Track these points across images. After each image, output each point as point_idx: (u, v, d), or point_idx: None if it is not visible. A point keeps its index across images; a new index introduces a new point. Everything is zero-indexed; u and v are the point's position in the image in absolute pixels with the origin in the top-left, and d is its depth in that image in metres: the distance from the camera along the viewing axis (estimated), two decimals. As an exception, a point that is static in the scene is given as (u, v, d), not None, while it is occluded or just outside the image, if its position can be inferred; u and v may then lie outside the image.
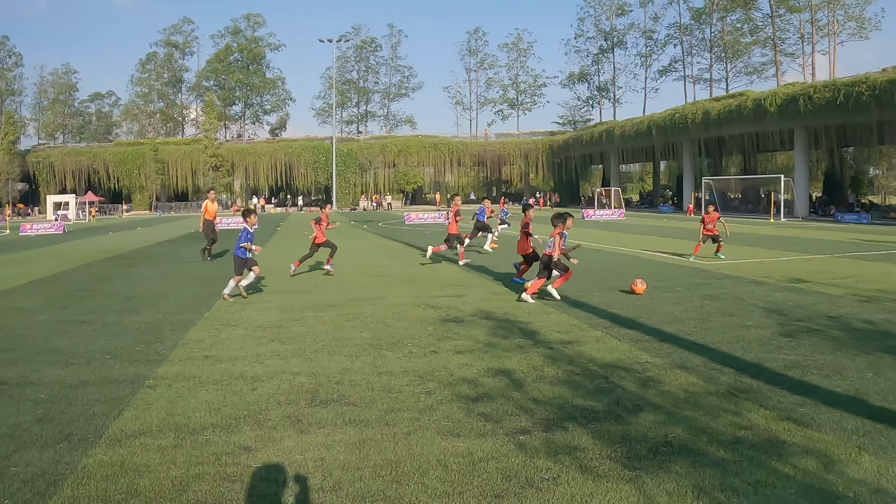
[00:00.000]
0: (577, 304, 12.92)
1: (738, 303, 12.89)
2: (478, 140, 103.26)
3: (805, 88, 54.04)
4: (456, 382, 7.74)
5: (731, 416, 6.62)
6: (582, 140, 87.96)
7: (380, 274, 18.06)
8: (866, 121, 49.50)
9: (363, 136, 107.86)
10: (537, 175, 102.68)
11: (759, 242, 27.48)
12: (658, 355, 8.91)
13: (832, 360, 8.57)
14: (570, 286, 15.29)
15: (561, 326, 10.80)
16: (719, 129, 63.22)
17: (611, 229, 39.51)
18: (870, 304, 12.74)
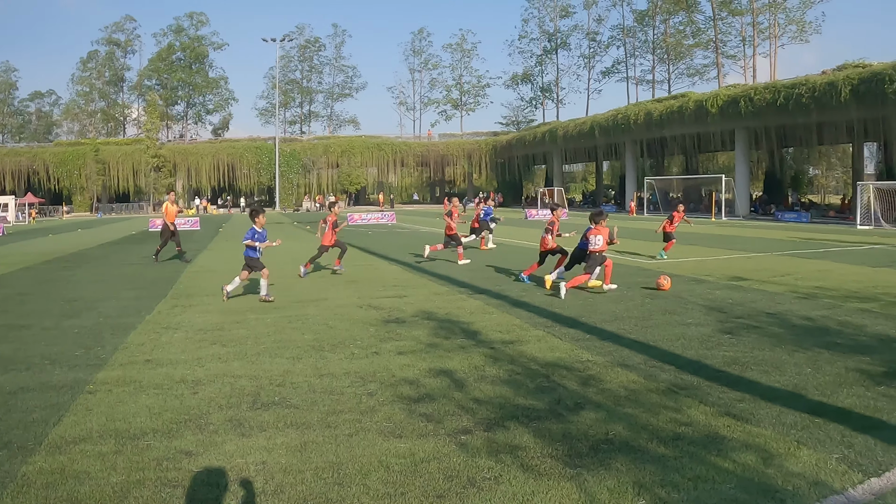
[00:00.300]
0: (519, 304, 13.00)
1: (678, 301, 13.11)
2: (421, 140, 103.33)
3: (746, 90, 55.32)
4: (398, 383, 7.72)
5: (672, 412, 6.70)
6: (525, 140, 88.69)
7: (322, 275, 17.99)
8: (806, 122, 50.91)
9: (306, 136, 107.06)
10: (480, 175, 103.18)
11: (700, 241, 28.00)
12: (599, 354, 8.99)
13: (771, 357, 8.75)
14: (511, 286, 15.39)
15: (503, 326, 10.85)
16: (661, 130, 64.35)
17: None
18: (808, 300, 13.09)
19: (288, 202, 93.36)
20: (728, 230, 36.15)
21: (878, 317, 11.48)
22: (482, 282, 16.13)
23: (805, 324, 10.90)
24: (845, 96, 45.43)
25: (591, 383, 7.67)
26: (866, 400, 7.02)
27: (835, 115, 47.95)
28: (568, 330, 10.52)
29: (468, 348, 9.34)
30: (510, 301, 13.34)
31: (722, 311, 11.96)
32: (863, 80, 44.65)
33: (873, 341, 9.63)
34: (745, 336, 9.96)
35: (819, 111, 48.29)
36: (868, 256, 21.80)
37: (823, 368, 8.19)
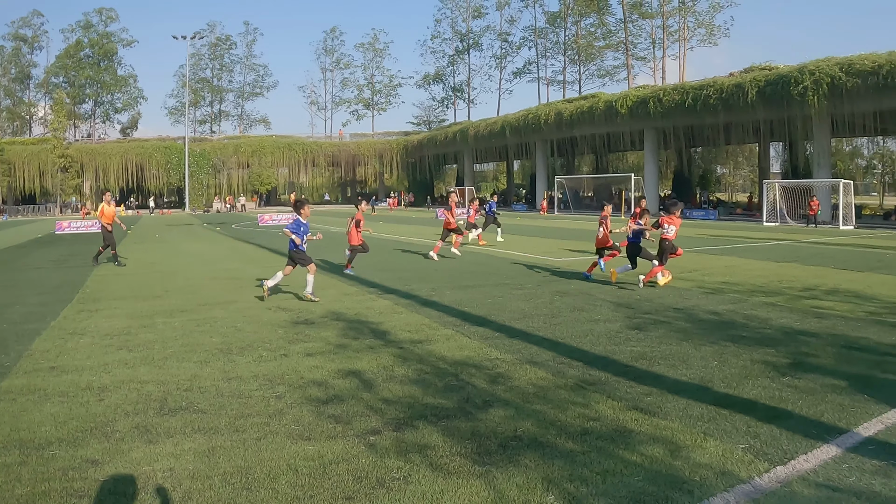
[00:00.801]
0: (428, 303, 13.02)
1: (587, 298, 13.36)
2: (332, 140, 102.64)
3: (655, 91, 56.81)
4: (306, 385, 7.65)
5: (580, 408, 6.79)
6: (436, 140, 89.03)
7: (232, 277, 17.66)
8: (714, 122, 52.67)
9: (217, 136, 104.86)
10: (392, 175, 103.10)
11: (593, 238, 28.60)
12: (508, 351, 9.06)
13: (678, 351, 8.99)
14: (421, 285, 15.39)
15: (412, 326, 10.85)
16: (572, 130, 65.49)
17: (464, 228, 39.97)
18: (715, 295, 13.55)
19: (198, 203, 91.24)
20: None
21: (783, 310, 11.94)
22: (392, 282, 16.09)
23: (712, 318, 11.24)
24: (752, 98, 47.18)
25: (499, 381, 7.72)
26: (771, 391, 7.27)
27: (742, 115, 49.79)
28: (477, 328, 10.58)
29: (377, 348, 9.30)
30: (419, 300, 13.35)
31: (630, 308, 12.24)
32: (769, 82, 46.46)
33: (778, 334, 10.00)
34: (653, 331, 10.21)
35: (726, 112, 50.02)
36: (773, 252, 22.69)
37: (729, 361, 8.45)
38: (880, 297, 13.52)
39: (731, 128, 53.80)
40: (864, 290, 13.88)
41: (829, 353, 8.86)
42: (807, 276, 16.71)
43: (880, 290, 14.29)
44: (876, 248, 24.99)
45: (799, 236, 31.36)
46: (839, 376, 7.81)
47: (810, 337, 9.83)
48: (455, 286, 15.23)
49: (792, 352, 8.92)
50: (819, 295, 13.77)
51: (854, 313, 11.71)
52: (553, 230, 34.60)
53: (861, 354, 8.82)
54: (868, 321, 11.00)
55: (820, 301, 13.00)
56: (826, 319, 11.16)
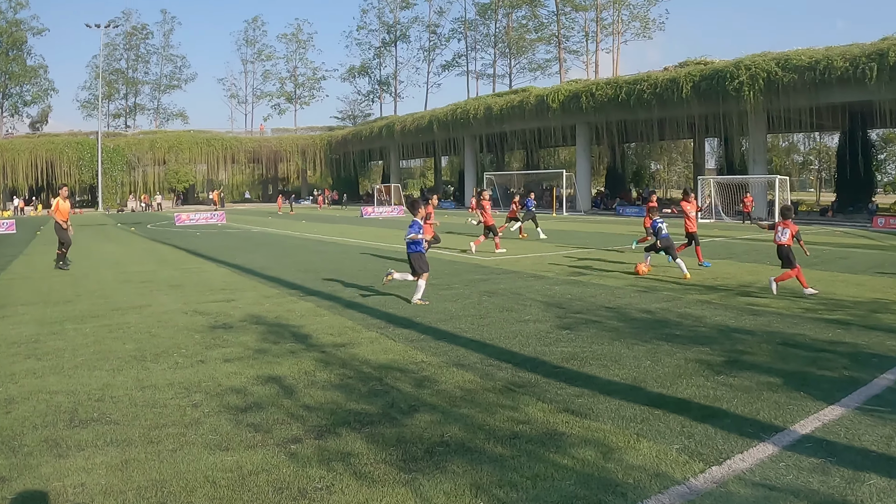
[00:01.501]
0: (352, 305, 12.99)
1: (516, 298, 13.47)
2: (253, 136, 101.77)
3: (588, 85, 57.66)
4: (224, 393, 7.56)
5: (509, 411, 6.79)
6: (361, 135, 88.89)
7: (146, 280, 17.34)
8: (647, 117, 53.76)
9: (132, 130, 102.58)
10: (315, 172, 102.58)
11: (537, 236, 28.90)
12: (434, 354, 9.07)
13: (610, 350, 9.09)
14: (343, 288, 15.30)
15: (334, 328, 10.82)
16: (502, 125, 66.06)
17: (390, 227, 40.27)
18: (648, 294, 13.80)
19: (112, 202, 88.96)
20: (569, 225, 37.56)
21: (718, 308, 12.22)
22: (314, 283, 16.00)
23: (645, 317, 11.43)
24: (687, 93, 48.26)
25: (425, 385, 7.70)
26: (706, 390, 7.39)
27: (676, 110, 50.88)
28: (402, 331, 10.59)
29: (298, 353, 9.25)
30: (342, 302, 13.30)
31: (560, 307, 12.37)
32: (704, 77, 47.55)
33: (712, 332, 10.22)
34: (584, 331, 10.33)
35: (661, 107, 51.06)
36: (708, 249, 23.19)
37: (663, 360, 8.57)
38: (817, 293, 13.92)
39: (665, 123, 54.92)
40: (800, 287, 14.25)
41: (764, 351, 9.07)
42: (742, 274, 17.13)
43: (816, 286, 14.70)
44: (812, 244, 25.76)
45: (734, 233, 32.16)
46: (775, 374, 7.98)
47: (745, 334, 10.06)
48: (379, 287, 15.21)
49: (727, 350, 9.10)
50: (754, 292, 14.13)
51: (790, 310, 12.03)
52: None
53: (797, 351, 9.05)
54: (804, 318, 11.31)
55: (755, 298, 13.34)
56: (761, 316, 11.44)
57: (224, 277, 17.66)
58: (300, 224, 43.34)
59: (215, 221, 48.91)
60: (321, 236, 32.29)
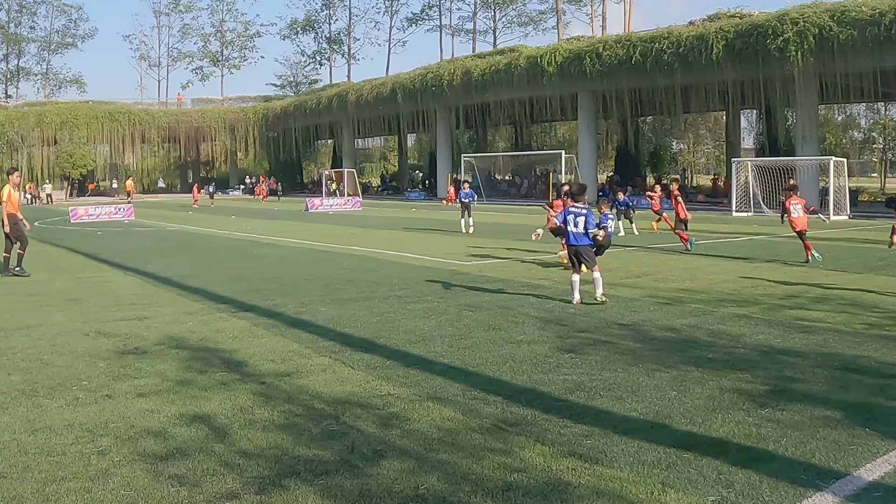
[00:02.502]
0: (297, 323, 12.96)
1: (505, 313, 13.50)
2: (169, 108, 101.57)
3: (593, 44, 57.89)
4: (138, 436, 7.49)
5: (501, 456, 6.78)
6: (306, 107, 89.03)
7: (34, 292, 17.19)
8: (668, 84, 53.98)
9: (13, 101, 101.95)
10: (247, 154, 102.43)
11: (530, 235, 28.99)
12: (404, 385, 9.05)
13: (625, 379, 9.11)
14: (287, 299, 15.30)
15: (276, 353, 10.78)
16: (484, 94, 66.16)
17: (342, 223, 40.25)
18: (671, 306, 13.87)
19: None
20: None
21: (759, 324, 12.29)
22: (249, 295, 15.96)
23: (668, 336, 11.47)
24: (718, 53, 48.56)
25: (394, 424, 7.68)
26: (747, 427, 7.41)
27: (705, 76, 51.18)
28: (362, 355, 10.56)
29: (231, 385, 9.20)
30: (286, 319, 13.28)
31: (561, 324, 12.41)
32: (739, 34, 47.90)
33: (753, 354, 10.28)
34: (592, 354, 10.35)
35: (685, 71, 51.34)
36: (746, 250, 23.38)
37: (692, 391, 8.60)
38: (882, 304, 14.04)
39: (690, 91, 55.20)
40: (863, 297, 14.38)
41: (819, 378, 9.12)
42: (789, 280, 17.23)
43: (882, 296, 14.84)
44: (876, 243, 26.02)
45: (778, 229, 32.38)
46: (833, 406, 8.03)
47: (795, 357, 10.12)
48: (331, 300, 15.24)
49: (772, 377, 9.15)
50: (805, 303, 14.22)
51: (850, 326, 12.12)
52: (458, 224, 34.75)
53: (860, 378, 9.11)
54: (868, 335, 11.40)
55: (806, 311, 13.43)
56: (814, 334, 11.51)
57: (134, 289, 17.55)
58: (229, 221, 43.29)
59: (121, 217, 48.63)
60: (256, 236, 32.28)
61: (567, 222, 14.82)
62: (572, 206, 15.01)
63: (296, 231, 34.48)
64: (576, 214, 14.71)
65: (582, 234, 14.65)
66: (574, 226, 14.68)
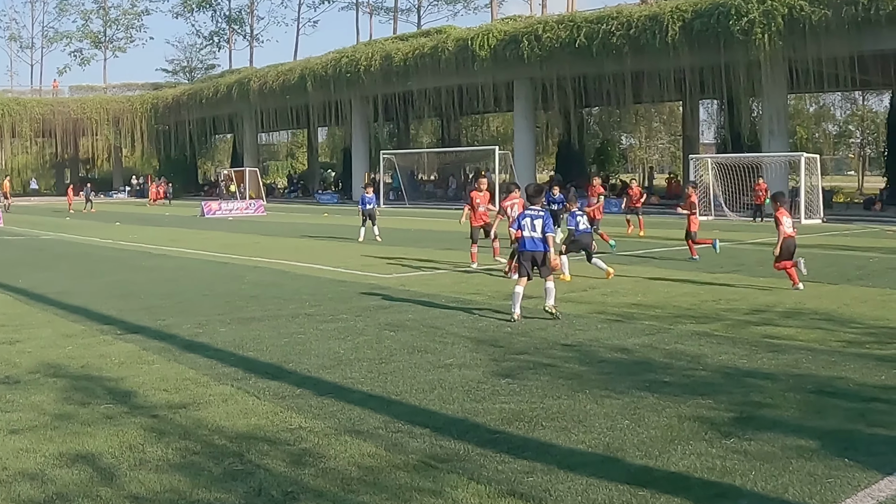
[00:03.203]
0: (193, 347, 12.86)
1: (432, 333, 13.53)
2: (44, 97, 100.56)
3: (531, 25, 58.27)
4: (12, 479, 7.36)
5: (430, 497, 6.78)
6: (202, 96, 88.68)
7: None
8: (617, 70, 54.44)
9: None
10: (134, 150, 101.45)
11: (460, 244, 29.08)
12: (317, 417, 9.02)
13: (571, 407, 9.15)
14: (181, 319, 15.18)
15: (169, 381, 10.67)
16: (406, 82, 66.20)
17: (244, 231, 40.19)
18: (622, 324, 14.01)
19: None
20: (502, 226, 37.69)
21: (722, 342, 12.46)
22: (137, 315, 15.81)
23: (619, 357, 11.58)
24: (673, 35, 49.09)
25: (306, 462, 7.66)
26: (710, 459, 7.49)
27: (658, 61, 51.67)
28: (269, 383, 10.50)
29: (119, 418, 9.08)
30: (180, 342, 13.18)
31: (497, 345, 12.46)
32: (698, 14, 48.52)
33: (716, 377, 10.41)
34: (533, 379, 10.39)
35: (636, 56, 51.90)
36: (706, 259, 23.65)
37: (647, 419, 8.67)
38: (861, 318, 14.31)
39: (642, 79, 55.68)
40: (839, 311, 14.64)
41: (791, 402, 9.25)
42: (756, 293, 17.50)
43: (861, 309, 15.14)
44: (853, 249, 26.53)
45: (743, 235, 32.80)
46: (807, 434, 8.14)
47: (763, 379, 10.27)
48: (232, 319, 15.15)
49: (738, 402, 9.26)
50: (774, 319, 14.46)
51: (825, 343, 12.34)
52: (387, 233, 34.74)
53: (837, 402, 9.27)
54: (845, 354, 11.60)
55: (775, 328, 13.64)
56: (785, 353, 11.69)
57: (3, 308, 17.31)
58: (113, 228, 42.88)
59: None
60: (145, 245, 31.98)
61: (523, 227, 14.92)
62: (529, 210, 15.16)
63: (190, 240, 34.26)
64: (532, 217, 14.86)
65: (540, 240, 14.78)
66: (531, 230, 14.79)
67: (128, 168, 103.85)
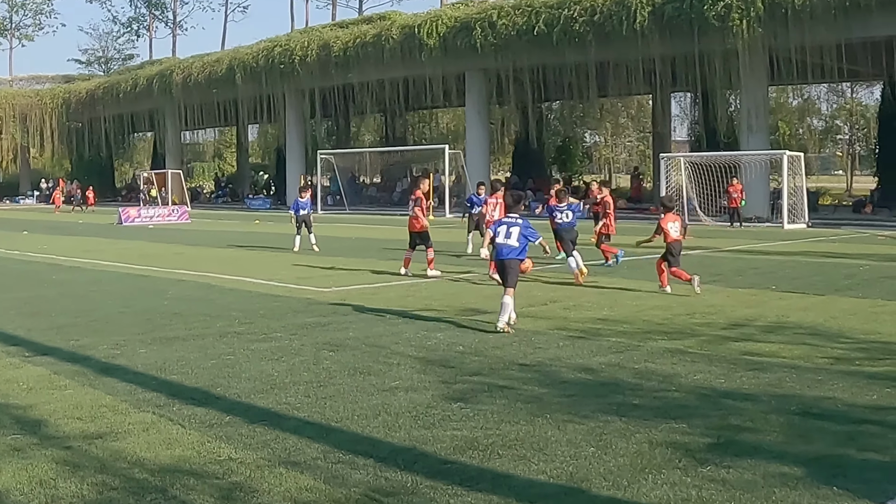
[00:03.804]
0: (110, 370, 12.76)
1: (376, 352, 13.51)
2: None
3: (485, 11, 58.41)
4: None
5: (373, 535, 6.78)
6: (120, 90, 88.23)
7: None
8: (580, 61, 54.57)
9: None
10: (43, 151, 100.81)
11: (401, 254, 29.14)
12: (248, 447, 8.97)
13: (530, 433, 9.15)
14: (96, 339, 15.09)
15: (84, 409, 10.58)
16: (346, 74, 66.00)
17: (166, 240, 40.04)
18: (586, 341, 14.05)
19: None
20: (453, 235, 37.50)
21: (697, 360, 12.51)
22: (47, 335, 15.70)
23: (583, 378, 11.60)
24: (643, 22, 49.25)
25: (237, 497, 7.65)
26: (685, 489, 7.51)
27: (626, 50, 51.82)
28: (194, 409, 10.44)
29: (27, 450, 8.99)
30: (95, 365, 13.07)
31: (448, 366, 12.46)
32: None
33: (690, 398, 10.45)
34: (487, 403, 10.38)
35: (601, 45, 52.04)
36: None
37: (615, 446, 8.68)
38: (850, 333, 14.43)
39: (608, 70, 55.93)
40: (826, 324, 14.76)
41: (773, 425, 9.30)
42: (734, 306, 17.62)
43: (850, 322, 15.26)
44: (842, 256, 26.75)
45: (719, 242, 32.98)
46: (791, 460, 8.18)
47: (743, 401, 10.32)
48: (154, 339, 15.06)
49: (715, 426, 9.30)
50: (754, 334, 14.54)
51: (811, 360, 12.42)
52: (322, 240, 34.69)
53: (824, 424, 9.33)
54: (832, 372, 11.69)
55: (756, 343, 13.72)
56: (767, 372, 11.76)
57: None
58: (21, 238, 42.65)
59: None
60: (56, 257, 31.78)
61: (497, 234, 15.67)
62: (506, 217, 16.17)
63: (106, 250, 34.11)
64: (509, 225, 15.62)
65: (513, 247, 15.52)
66: (506, 237, 15.59)
67: (36, 170, 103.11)
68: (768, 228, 43.02)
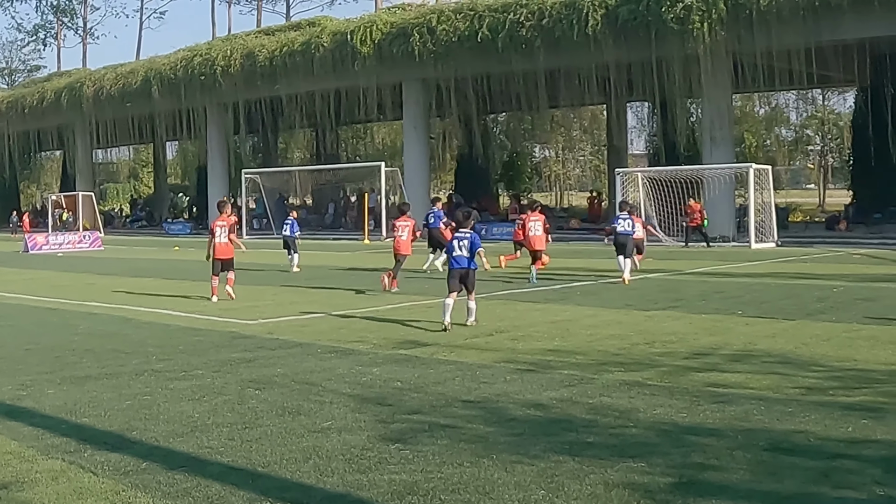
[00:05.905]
0: (15, 413, 12.65)
1: (306, 390, 13.47)
2: None
3: (423, 15, 58.68)
4: None
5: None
6: (24, 105, 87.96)
7: None
8: (528, 69, 54.73)
9: None
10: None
11: (340, 280, 29.04)
12: (167, 495, 8.91)
13: (475, 476, 9.12)
14: (3, 379, 14.96)
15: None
16: (273, 85, 65.98)
17: (77, 269, 39.92)
18: (536, 374, 14.06)
19: None
20: (386, 256, 37.53)
21: (657, 393, 12.54)
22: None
23: (532, 415, 11.59)
24: (595, 26, 49.50)
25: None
26: (645, 534, 7.53)
27: (578, 57, 52.15)
28: (108, 455, 10.32)
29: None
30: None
31: (384, 403, 12.44)
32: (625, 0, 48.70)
33: (650, 435, 10.45)
34: (428, 443, 10.36)
35: (550, 51, 52.27)
36: (637, 293, 23.86)
37: (567, 488, 8.67)
38: (823, 360, 14.55)
39: (559, 79, 56.14)
40: (797, 351, 14.86)
41: (740, 463, 9.33)
42: (696, 333, 17.70)
43: (822, 348, 15.39)
44: (814, 277, 26.96)
45: (681, 265, 33.14)
46: (761, 499, 8.23)
47: (707, 436, 10.35)
48: (63, 378, 14.94)
49: (676, 464, 9.31)
50: (719, 364, 14.61)
51: (781, 391, 12.50)
52: (243, 270, 34.60)
53: (795, 460, 9.36)
54: (804, 403, 11.75)
55: (721, 374, 13.79)
56: (733, 405, 11.80)
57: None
58: None
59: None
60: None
61: (452, 248, 19.55)
62: (459, 232, 19.31)
63: (11, 281, 33.98)
64: (460, 239, 19.35)
65: (467, 258, 19.11)
66: (459, 250, 19.18)
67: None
68: (734, 248, 43.33)
